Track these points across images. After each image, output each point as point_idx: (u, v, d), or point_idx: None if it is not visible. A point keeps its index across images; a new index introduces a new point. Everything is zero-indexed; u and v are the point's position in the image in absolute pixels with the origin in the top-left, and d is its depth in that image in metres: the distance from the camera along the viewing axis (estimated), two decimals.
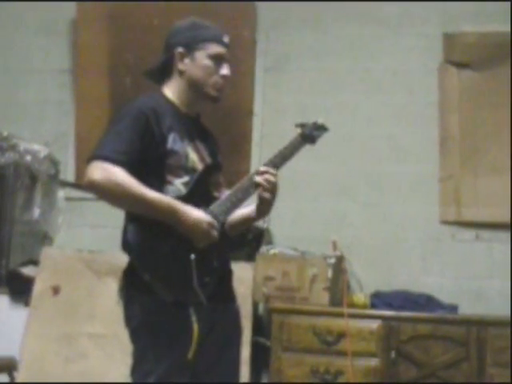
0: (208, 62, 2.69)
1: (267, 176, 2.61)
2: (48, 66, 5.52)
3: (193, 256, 2.46)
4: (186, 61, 2.69)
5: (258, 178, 2.61)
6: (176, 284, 2.45)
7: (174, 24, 2.78)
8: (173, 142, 2.57)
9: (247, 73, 5.15)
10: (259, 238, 4.63)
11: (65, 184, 5.20)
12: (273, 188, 2.63)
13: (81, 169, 4.90)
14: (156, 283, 2.43)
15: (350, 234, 4.82)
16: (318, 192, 4.98)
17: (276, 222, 4.76)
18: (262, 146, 5.04)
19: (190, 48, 2.68)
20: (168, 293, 2.44)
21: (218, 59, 2.70)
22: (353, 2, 5.10)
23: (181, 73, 2.69)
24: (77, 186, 5.12)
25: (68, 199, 5.17)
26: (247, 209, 2.78)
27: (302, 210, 4.95)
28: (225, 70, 2.72)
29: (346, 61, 5.10)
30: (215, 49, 2.70)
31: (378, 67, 5.05)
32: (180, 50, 2.68)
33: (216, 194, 2.68)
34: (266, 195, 2.62)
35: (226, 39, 2.74)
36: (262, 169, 2.63)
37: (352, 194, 4.95)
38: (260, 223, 4.55)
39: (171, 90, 2.71)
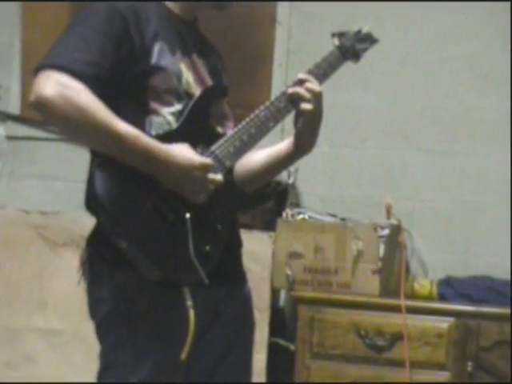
0: None
1: (309, 85, 2.59)
2: None
3: (188, 215, 2.43)
4: None
5: (295, 88, 2.59)
6: (164, 254, 2.42)
7: None
8: (159, 54, 2.53)
9: None
10: (281, 196, 4.65)
11: (6, 116, 5.23)
12: (318, 100, 2.60)
13: (28, 95, 4.88)
14: (135, 253, 2.39)
15: (410, 194, 4.87)
16: (365, 135, 5.00)
17: (305, 176, 4.78)
18: (288, 66, 5.06)
19: None
20: (153, 267, 2.40)
21: None
22: None
23: None
24: (23, 119, 5.13)
25: (10, 138, 5.25)
26: (278, 146, 2.77)
27: (343, 159, 4.97)
28: None
29: None
30: None
31: None
32: None
33: (220, 129, 2.67)
34: (308, 106, 2.58)
35: None
36: (301, 76, 2.61)
37: (413, 139, 4.96)
38: (283, 176, 4.55)
39: None
